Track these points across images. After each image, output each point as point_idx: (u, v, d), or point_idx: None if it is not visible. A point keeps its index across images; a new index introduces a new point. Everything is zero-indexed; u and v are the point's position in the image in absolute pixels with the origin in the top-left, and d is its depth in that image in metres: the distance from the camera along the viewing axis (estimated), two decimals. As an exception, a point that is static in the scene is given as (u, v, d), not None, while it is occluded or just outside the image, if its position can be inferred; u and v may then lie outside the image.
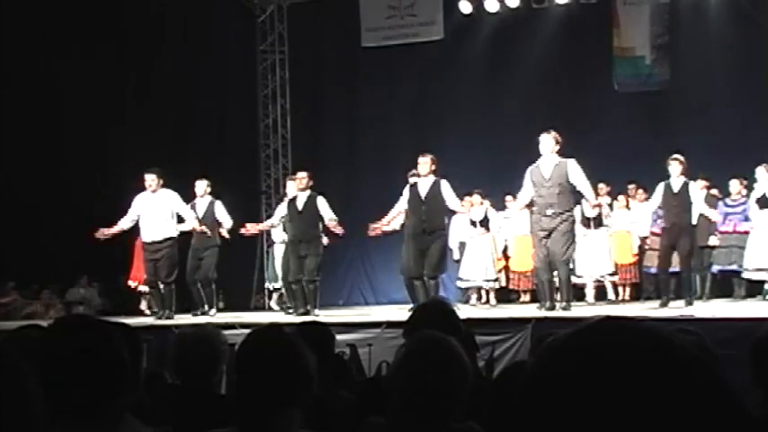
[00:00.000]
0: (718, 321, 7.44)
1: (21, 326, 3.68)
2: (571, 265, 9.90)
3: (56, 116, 13.58)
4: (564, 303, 9.24)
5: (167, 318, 10.23)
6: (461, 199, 12.28)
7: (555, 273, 9.47)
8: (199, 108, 14.46)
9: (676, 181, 9.57)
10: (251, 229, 11.42)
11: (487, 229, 12.31)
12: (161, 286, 10.56)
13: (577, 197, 9.82)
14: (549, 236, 9.15)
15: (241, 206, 11.83)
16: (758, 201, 10.83)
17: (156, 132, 13.96)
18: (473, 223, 12.28)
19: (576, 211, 11.77)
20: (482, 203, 12.37)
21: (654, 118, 13.14)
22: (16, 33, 13.15)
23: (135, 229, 11.47)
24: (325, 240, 10.91)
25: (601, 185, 12.28)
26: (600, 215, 11.63)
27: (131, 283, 12.04)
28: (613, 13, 13.47)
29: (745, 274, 10.96)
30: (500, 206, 12.89)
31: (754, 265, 10.78)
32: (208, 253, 10.87)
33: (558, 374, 0.86)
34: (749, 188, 11.21)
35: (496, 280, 12.47)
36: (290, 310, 10.73)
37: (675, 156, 9.65)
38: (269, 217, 14.54)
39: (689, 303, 9.53)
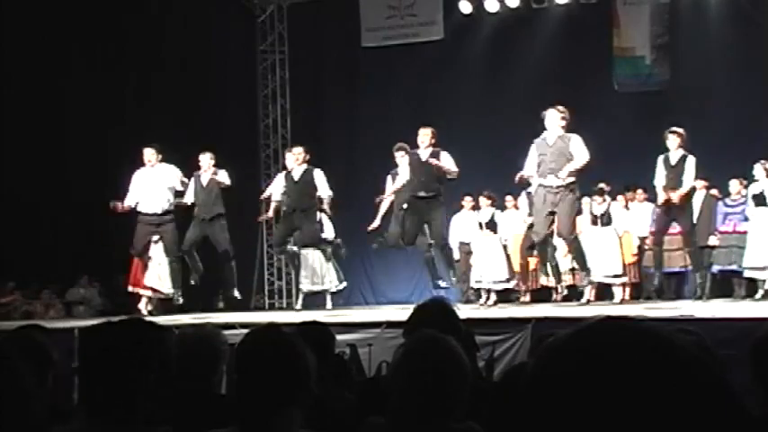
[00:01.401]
0: (718, 321, 7.43)
1: (21, 326, 3.68)
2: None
3: (56, 116, 13.60)
4: (584, 273, 9.32)
5: (177, 299, 10.43)
6: (461, 198, 12.32)
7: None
8: (199, 108, 14.46)
9: (674, 154, 9.55)
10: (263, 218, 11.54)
11: (495, 231, 12.27)
12: (168, 264, 10.67)
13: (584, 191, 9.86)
14: (552, 213, 9.11)
15: (241, 206, 11.82)
16: (754, 198, 10.84)
17: (156, 132, 13.95)
18: (480, 225, 12.27)
19: (585, 210, 11.78)
20: (491, 205, 12.35)
21: (654, 118, 13.11)
22: (16, 33, 13.15)
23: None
24: (330, 235, 10.83)
25: (602, 185, 12.28)
26: (608, 213, 11.54)
27: (131, 289, 11.93)
28: (613, 13, 13.47)
29: (746, 273, 10.97)
30: (500, 207, 12.88)
31: (752, 264, 10.80)
32: (217, 228, 10.71)
33: (558, 374, 0.87)
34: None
35: (508, 280, 12.39)
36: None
37: (673, 128, 9.64)
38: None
39: (701, 291, 9.58)
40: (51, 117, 13.53)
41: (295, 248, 11.09)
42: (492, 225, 12.27)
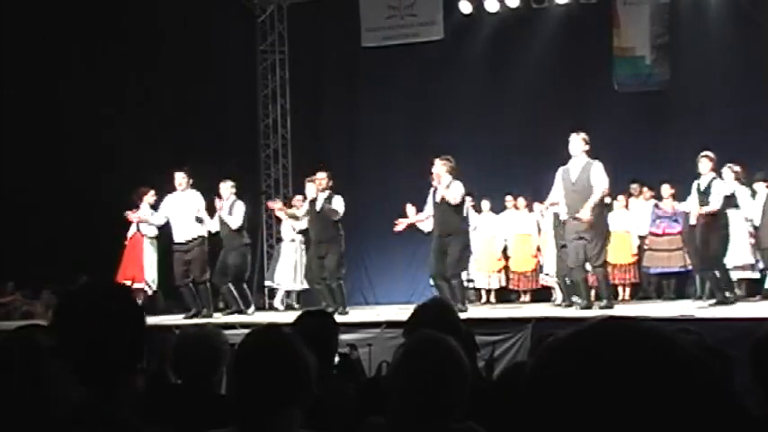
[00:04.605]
0: (718, 321, 7.44)
1: (20, 326, 3.67)
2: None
3: (56, 116, 13.59)
4: (605, 302, 9.27)
5: (205, 316, 10.44)
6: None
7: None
8: (199, 108, 14.46)
9: (704, 178, 9.60)
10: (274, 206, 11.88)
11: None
12: (191, 286, 10.74)
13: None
14: (581, 238, 9.14)
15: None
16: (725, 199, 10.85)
17: (156, 132, 13.96)
18: None
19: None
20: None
21: (654, 118, 13.13)
22: (16, 34, 13.15)
23: (129, 228, 11.52)
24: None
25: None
26: None
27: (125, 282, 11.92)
28: (613, 13, 13.46)
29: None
30: (499, 206, 12.89)
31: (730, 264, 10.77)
32: (234, 254, 10.94)
33: (559, 374, 0.86)
34: (749, 188, 11.22)
35: (471, 281, 12.40)
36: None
37: (704, 153, 9.70)
38: (269, 217, 14.57)
39: (700, 291, 9.62)
40: (51, 117, 13.52)
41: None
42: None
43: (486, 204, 12.78)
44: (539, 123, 12.49)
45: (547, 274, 11.70)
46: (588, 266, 9.33)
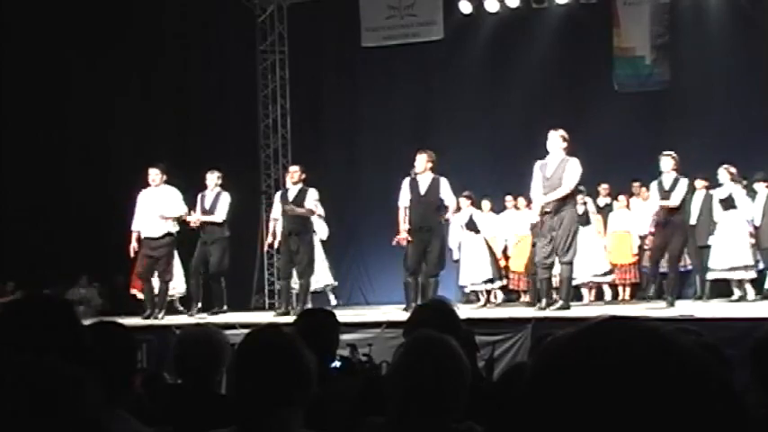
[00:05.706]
0: (718, 321, 7.44)
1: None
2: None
3: (57, 116, 13.61)
4: (562, 303, 9.21)
5: (155, 318, 10.25)
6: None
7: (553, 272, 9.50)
8: (199, 108, 14.46)
9: (667, 177, 9.57)
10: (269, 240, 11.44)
11: (476, 231, 12.23)
12: (155, 283, 10.56)
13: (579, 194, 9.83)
14: (552, 239, 9.12)
15: (241, 206, 11.82)
16: (721, 202, 10.85)
17: (157, 132, 13.98)
18: (463, 226, 12.23)
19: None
20: (470, 205, 12.27)
21: (654, 118, 13.13)
22: (17, 35, 13.17)
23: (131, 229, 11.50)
24: (324, 233, 10.79)
25: (605, 185, 12.30)
26: (585, 213, 11.38)
27: (134, 292, 11.93)
28: (613, 13, 13.47)
29: (710, 275, 10.95)
30: (500, 207, 12.87)
31: (719, 266, 10.72)
32: (214, 246, 10.70)
33: (559, 374, 0.86)
34: (749, 188, 11.21)
35: (494, 280, 12.37)
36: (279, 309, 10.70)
37: (666, 152, 9.67)
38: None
39: (671, 304, 9.46)
40: (52, 118, 13.55)
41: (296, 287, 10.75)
42: (472, 226, 12.20)
43: (486, 204, 12.76)
44: (539, 123, 12.44)
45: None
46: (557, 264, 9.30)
